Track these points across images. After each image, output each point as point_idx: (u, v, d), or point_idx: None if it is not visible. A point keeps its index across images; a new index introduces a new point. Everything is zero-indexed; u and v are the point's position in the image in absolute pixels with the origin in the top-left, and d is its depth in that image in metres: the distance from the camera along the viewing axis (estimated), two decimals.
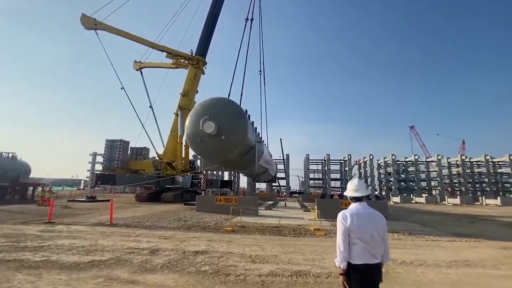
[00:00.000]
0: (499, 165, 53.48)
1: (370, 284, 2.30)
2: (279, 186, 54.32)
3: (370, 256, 2.29)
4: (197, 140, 14.35)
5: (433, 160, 54.27)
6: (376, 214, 2.46)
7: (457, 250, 7.27)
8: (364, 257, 2.28)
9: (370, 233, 2.32)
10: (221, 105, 14.90)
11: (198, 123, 13.91)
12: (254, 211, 14.19)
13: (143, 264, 5.11)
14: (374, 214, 2.45)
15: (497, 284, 4.63)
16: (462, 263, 5.95)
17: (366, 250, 2.29)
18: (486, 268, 5.60)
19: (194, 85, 29.34)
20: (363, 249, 2.29)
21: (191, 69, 28.96)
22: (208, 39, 29.86)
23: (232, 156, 15.30)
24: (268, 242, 7.76)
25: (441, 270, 5.37)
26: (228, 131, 13.86)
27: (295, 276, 4.71)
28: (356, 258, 2.29)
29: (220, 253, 6.13)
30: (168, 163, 28.11)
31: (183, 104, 28.12)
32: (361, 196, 2.51)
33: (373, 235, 2.33)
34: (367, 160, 58.36)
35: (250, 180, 36.82)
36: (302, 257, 6.09)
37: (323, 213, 13.03)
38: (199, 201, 16.04)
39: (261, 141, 21.81)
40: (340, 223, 2.38)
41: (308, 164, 53.34)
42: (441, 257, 6.40)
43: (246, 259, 5.72)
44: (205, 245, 6.93)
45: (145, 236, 8.01)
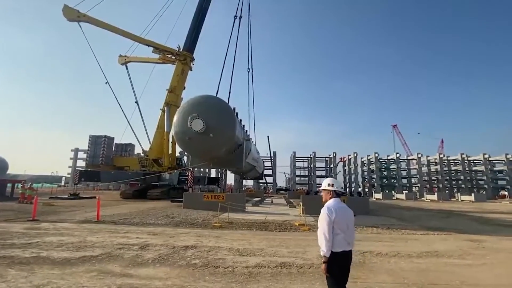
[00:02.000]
0: (474, 163, 56.54)
1: (346, 268, 2.72)
2: (266, 183, 54.95)
3: (346, 244, 2.69)
4: (185, 138, 14.44)
5: (414, 158, 56.61)
6: (348, 208, 2.89)
7: (429, 242, 7.89)
8: (343, 245, 2.66)
9: (346, 224, 2.73)
10: (210, 103, 15.03)
11: (186, 120, 14.00)
12: (241, 207, 14.49)
13: (135, 259, 5.29)
14: (347, 208, 2.87)
15: (459, 271, 5.16)
16: (432, 253, 6.52)
17: (344, 239, 2.68)
18: (452, 258, 6.18)
19: (181, 81, 29.13)
20: (343, 238, 2.67)
21: (178, 64, 28.71)
22: (196, 34, 29.65)
23: (220, 154, 15.51)
24: (255, 237, 8.10)
25: (412, 260, 5.89)
26: (216, 129, 14.04)
27: (279, 267, 5.05)
28: (337, 246, 2.64)
29: (209, 248, 6.40)
30: (154, 159, 27.89)
31: (170, 100, 27.90)
32: (342, 192, 2.97)
33: (349, 225, 2.75)
34: (351, 158, 59.99)
35: (238, 177, 37.11)
36: (286, 250, 6.46)
37: (308, 209, 13.51)
38: (186, 198, 16.15)
39: (248, 138, 22.10)
40: (326, 216, 2.70)
41: (294, 161, 54.28)
42: (413, 248, 6.97)
43: (234, 253, 6.02)
44: (194, 240, 7.17)
45: (134, 232, 8.13)
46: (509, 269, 5.40)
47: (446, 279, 4.65)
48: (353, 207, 3.41)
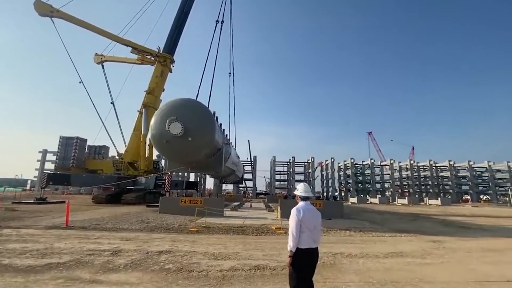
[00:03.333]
0: (441, 169, 60.39)
1: (310, 264, 3.02)
2: (246, 187, 54.93)
3: (312, 241, 3.01)
4: (162, 141, 14.20)
5: (387, 164, 59.35)
6: (316, 210, 3.27)
7: (395, 244, 8.38)
8: (308, 243, 2.98)
9: (313, 224, 3.08)
10: (189, 106, 14.92)
11: (164, 123, 13.79)
12: (220, 212, 14.44)
13: (105, 265, 5.16)
14: (315, 210, 3.25)
15: (419, 269, 5.56)
16: (397, 254, 6.95)
17: (310, 237, 3.01)
18: (415, 258, 6.62)
19: (160, 83, 28.63)
20: (308, 236, 3.00)
21: (158, 66, 28.23)
22: (177, 36, 29.37)
23: (199, 158, 15.40)
24: (231, 241, 8.14)
25: (379, 260, 6.25)
26: (195, 133, 13.95)
27: (253, 270, 5.16)
28: (303, 243, 2.97)
29: (184, 252, 6.37)
30: (130, 163, 27.03)
31: (148, 102, 27.30)
32: (309, 196, 3.30)
33: (316, 225, 3.10)
34: (329, 163, 61.75)
35: (217, 181, 36.80)
36: (261, 253, 6.58)
37: (285, 213, 13.76)
38: (163, 202, 15.81)
39: (228, 143, 22.13)
40: (295, 215, 3.07)
41: (274, 165, 54.83)
42: (381, 249, 7.38)
43: (209, 257, 6.04)
44: (169, 245, 7.09)
45: (105, 238, 7.87)
46: (462, 267, 5.89)
47: (407, 277, 5.00)
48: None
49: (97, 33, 26.88)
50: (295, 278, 2.94)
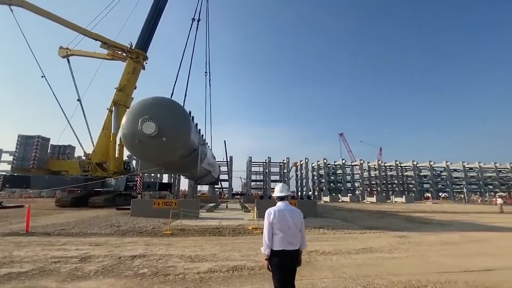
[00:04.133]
0: (405, 169, 64.54)
1: (287, 267, 2.89)
2: (222, 188, 54.42)
3: (287, 243, 2.87)
4: (134, 141, 13.63)
5: (357, 164, 62.18)
6: (295, 210, 3.09)
7: (365, 240, 8.85)
8: (283, 244, 2.86)
9: (288, 225, 2.92)
10: (163, 105, 14.48)
11: (136, 122, 13.26)
12: (195, 213, 14.19)
13: (74, 272, 4.85)
14: (293, 210, 3.07)
15: (387, 263, 5.94)
16: (367, 250, 7.34)
17: (285, 238, 2.87)
18: (383, 253, 7.05)
19: (132, 80, 27.44)
20: (282, 238, 2.88)
21: (130, 62, 27.03)
22: (151, 32, 28.34)
23: (174, 159, 15.01)
24: (208, 242, 8.06)
25: (351, 256, 6.57)
26: (170, 133, 13.58)
27: (231, 271, 5.17)
28: (276, 245, 2.87)
29: (159, 256, 6.18)
30: (98, 163, 25.58)
31: (119, 99, 26.04)
32: (284, 196, 3.17)
33: (291, 226, 2.93)
34: (303, 163, 63.25)
35: (192, 182, 36.03)
36: (239, 254, 6.60)
37: (262, 213, 13.87)
38: (134, 205, 15.17)
39: (204, 143, 21.82)
40: (266, 218, 2.99)
41: (250, 166, 54.90)
42: (352, 246, 7.75)
43: (185, 260, 5.93)
44: (143, 249, 6.84)
45: (72, 244, 7.38)
46: (425, 260, 6.38)
47: (376, 271, 5.32)
48: (303, 210, 3.74)
49: (61, 25, 25.11)
50: (274, 280, 2.88)
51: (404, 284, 4.55)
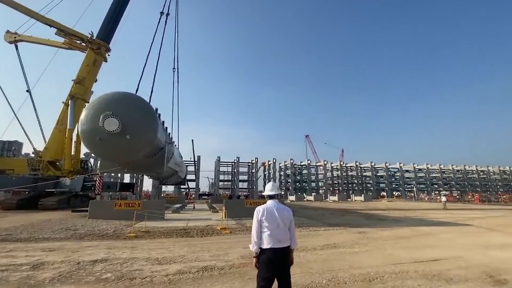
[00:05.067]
0: (364, 170, 69.08)
1: (277, 265, 2.87)
2: (188, 189, 53.07)
3: (276, 241, 2.89)
4: (94, 138, 12.72)
5: (321, 165, 65.04)
6: (284, 208, 3.14)
7: (329, 237, 9.34)
8: (271, 242, 2.88)
9: (277, 222, 2.95)
10: (127, 101, 13.70)
11: (97, 118, 12.39)
12: (160, 215, 13.69)
13: (25, 281, 4.41)
14: (282, 208, 3.11)
15: (349, 258, 6.36)
16: (331, 245, 7.77)
17: (273, 237, 2.90)
18: (346, 248, 7.52)
19: (93, 72, 25.50)
20: (270, 236, 2.90)
21: (90, 53, 25.10)
22: (115, 23, 26.61)
23: (138, 158, 14.28)
24: (175, 244, 7.85)
25: (317, 252, 6.90)
26: (135, 130, 12.91)
27: (201, 272, 5.12)
28: (265, 243, 2.90)
29: (123, 259, 5.88)
30: (51, 161, 23.34)
31: (77, 92, 24.02)
32: (274, 194, 3.20)
33: (280, 224, 2.96)
34: (271, 163, 64.38)
35: (156, 182, 34.56)
36: (208, 254, 6.55)
37: (230, 213, 13.89)
38: (93, 206, 14.14)
39: (171, 142, 21.11)
40: (254, 216, 3.00)
41: (219, 166, 54.38)
42: (318, 242, 8.14)
43: (152, 262, 5.72)
44: (105, 253, 6.44)
45: (21, 250, 6.67)
46: (381, 253, 6.96)
47: (340, 265, 5.67)
48: None
49: (8, 6, 22.41)
50: (258, 278, 2.85)
51: (365, 276, 4.92)
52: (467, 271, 5.34)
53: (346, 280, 4.73)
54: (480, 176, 74.30)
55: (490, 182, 74.84)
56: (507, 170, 76.25)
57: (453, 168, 71.51)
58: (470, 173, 73.99)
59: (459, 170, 72.32)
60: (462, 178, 72.05)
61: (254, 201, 16.92)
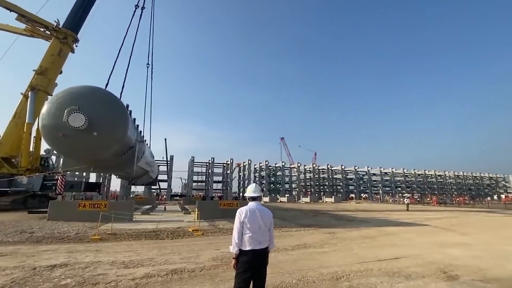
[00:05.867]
0: (335, 172, 71.76)
1: (256, 265, 2.92)
2: (160, 189, 51.30)
3: (257, 243, 2.93)
4: (57, 134, 11.86)
5: (295, 167, 66.41)
6: (265, 210, 3.17)
7: (300, 237, 9.57)
8: (252, 244, 2.90)
9: (258, 224, 2.98)
10: (96, 95, 12.94)
11: (61, 113, 11.58)
12: (129, 216, 13.09)
13: None
14: (264, 210, 3.14)
15: (318, 257, 6.57)
16: (302, 246, 7.97)
17: (254, 238, 2.92)
18: (316, 248, 7.76)
19: (57, 63, 23.69)
20: (251, 237, 2.91)
21: (55, 43, 23.29)
22: (85, 11, 25.00)
23: (106, 156, 13.57)
24: (143, 246, 7.56)
25: (288, 252, 7.03)
26: (103, 127, 12.24)
27: (170, 275, 4.98)
28: (246, 245, 2.90)
29: (86, 264, 5.54)
30: (5, 158, 21.24)
31: (38, 84, 22.15)
32: (256, 196, 3.22)
33: (261, 226, 3.00)
34: (246, 165, 64.44)
35: (125, 182, 32.94)
36: (178, 256, 6.39)
37: (203, 214, 13.67)
38: (53, 207, 13.14)
39: (143, 140, 20.32)
40: (237, 217, 2.98)
41: (193, 166, 53.26)
42: (289, 243, 8.30)
43: (118, 266, 5.45)
44: (65, 258, 6.01)
45: None
46: (349, 252, 7.28)
47: (309, 264, 5.83)
48: None
49: None
50: (237, 279, 2.86)
51: (332, 275, 5.12)
52: (424, 268, 5.77)
53: (315, 279, 4.88)
54: (438, 180, 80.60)
55: (446, 185, 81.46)
56: (460, 175, 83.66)
57: (414, 172, 76.87)
58: (429, 177, 79.98)
59: (420, 174, 77.89)
60: (423, 181, 77.69)
61: (228, 202, 16.83)
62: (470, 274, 5.38)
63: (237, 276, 2.90)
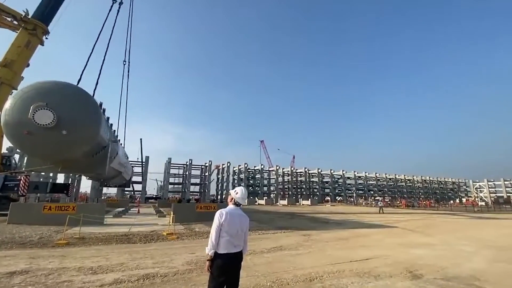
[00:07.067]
0: (312, 175, 73.39)
1: (231, 268, 2.92)
2: (134, 191, 49.39)
3: (232, 246, 2.93)
4: (21, 131, 11.05)
5: (273, 170, 67.04)
6: (244, 215, 3.19)
7: (277, 239, 9.67)
8: (228, 248, 2.89)
9: (237, 229, 2.99)
10: (66, 92, 12.21)
11: (27, 109, 10.81)
12: (99, 219, 12.49)
13: None
14: (242, 215, 3.16)
15: (293, 259, 6.68)
16: (278, 248, 8.06)
17: (231, 242, 2.92)
18: (291, 250, 7.88)
19: (24, 55, 21.95)
20: (228, 241, 2.90)
21: (23, 34, 21.61)
22: (56, 3, 23.62)
23: (75, 156, 12.83)
24: (114, 251, 7.24)
25: (263, 255, 7.08)
26: (73, 126, 11.56)
27: (142, 280, 4.82)
28: (222, 248, 2.88)
29: (49, 270, 5.20)
30: None
31: (2, 76, 20.37)
32: (243, 204, 3.25)
33: (238, 231, 3.01)
34: (225, 167, 64.00)
35: (96, 184, 31.43)
36: (151, 261, 6.20)
37: (179, 217, 13.38)
38: (15, 210, 12.24)
39: (116, 140, 19.50)
40: (216, 218, 2.95)
41: (169, 167, 51.95)
42: (265, 245, 8.36)
43: (85, 272, 5.18)
44: (26, 264, 5.60)
45: None
46: (322, 254, 7.47)
47: (284, 266, 5.92)
48: None
49: None
50: (211, 282, 2.85)
51: (306, 276, 5.23)
52: (392, 268, 6.07)
53: (289, 281, 4.96)
54: (407, 184, 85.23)
55: (414, 189, 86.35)
56: (427, 179, 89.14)
57: (386, 176, 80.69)
58: (400, 181, 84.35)
59: (391, 178, 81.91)
60: (393, 185, 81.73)
61: (206, 205, 16.60)
62: (433, 273, 5.74)
63: (211, 280, 2.89)
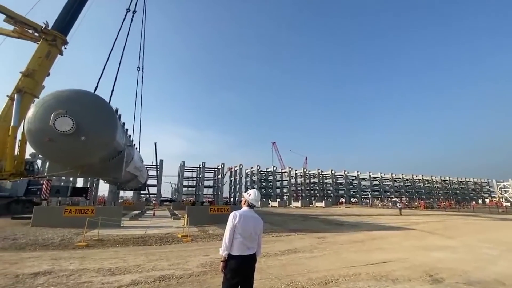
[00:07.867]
0: (325, 177, 72.37)
1: (244, 270, 2.95)
2: (149, 194, 50.45)
3: (246, 249, 2.96)
4: (43, 138, 11.59)
5: (286, 171, 66.63)
6: (258, 218, 3.22)
7: (290, 242, 9.60)
8: (241, 250, 2.93)
9: (250, 231, 3.02)
10: (84, 100, 12.74)
11: (48, 117, 11.35)
12: (117, 222, 12.84)
13: None
14: (256, 218, 3.19)
15: (307, 262, 6.61)
16: (292, 250, 8.00)
17: (244, 244, 2.95)
18: (305, 253, 7.80)
19: (45, 65, 23.17)
20: (241, 243, 2.94)
21: (43, 45, 22.82)
22: (75, 14, 24.66)
23: (93, 161, 13.32)
24: (131, 253, 7.42)
25: (277, 257, 7.05)
26: (91, 132, 12.03)
27: (158, 281, 4.92)
28: (235, 250, 2.92)
29: (70, 271, 5.40)
30: None
31: (25, 86, 21.57)
32: (256, 206, 3.29)
33: (252, 233, 3.04)
34: (237, 169, 64.25)
35: (113, 187, 32.30)
36: (167, 263, 6.31)
37: (193, 220, 13.56)
38: (38, 213, 12.77)
39: (132, 145, 20.06)
40: (230, 220, 3.00)
41: (183, 171, 52.67)
42: (279, 248, 8.32)
43: (104, 273, 5.35)
44: (49, 265, 5.84)
45: None
46: (337, 256, 7.35)
47: (298, 269, 5.87)
48: None
49: None
50: (225, 284, 2.89)
51: (321, 280, 5.16)
52: (410, 271, 5.89)
53: (303, 284, 4.91)
54: (425, 185, 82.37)
55: (433, 190, 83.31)
56: (447, 179, 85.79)
57: (403, 177, 78.32)
58: (417, 182, 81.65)
59: (408, 179, 79.41)
60: (411, 186, 79.20)
61: (219, 208, 16.71)
62: (454, 276, 5.53)
63: (225, 281, 2.92)
